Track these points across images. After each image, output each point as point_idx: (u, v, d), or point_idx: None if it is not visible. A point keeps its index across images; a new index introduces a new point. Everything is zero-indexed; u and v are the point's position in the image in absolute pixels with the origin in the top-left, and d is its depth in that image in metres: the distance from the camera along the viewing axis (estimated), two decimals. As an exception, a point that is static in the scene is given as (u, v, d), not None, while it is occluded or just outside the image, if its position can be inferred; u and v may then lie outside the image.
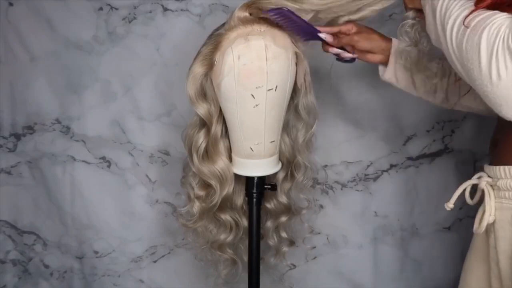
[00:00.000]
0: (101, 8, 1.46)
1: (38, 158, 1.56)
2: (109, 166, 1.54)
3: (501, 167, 0.82)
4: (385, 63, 1.10)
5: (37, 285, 1.64)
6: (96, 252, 1.59)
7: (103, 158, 1.54)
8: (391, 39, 1.09)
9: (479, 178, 0.88)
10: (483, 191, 0.86)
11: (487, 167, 0.86)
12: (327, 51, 1.10)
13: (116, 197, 1.55)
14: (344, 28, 1.05)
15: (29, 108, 1.53)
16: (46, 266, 1.63)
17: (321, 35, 1.05)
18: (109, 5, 1.45)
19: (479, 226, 0.85)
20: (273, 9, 0.97)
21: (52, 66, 1.49)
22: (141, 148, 1.52)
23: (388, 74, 1.10)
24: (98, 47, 1.47)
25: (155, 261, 1.58)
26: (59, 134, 1.53)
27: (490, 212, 0.83)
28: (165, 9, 1.45)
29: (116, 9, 1.46)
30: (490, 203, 0.83)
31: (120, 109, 1.50)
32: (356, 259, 1.55)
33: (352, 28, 1.05)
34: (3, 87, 1.52)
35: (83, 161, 1.54)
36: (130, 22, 1.46)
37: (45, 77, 1.50)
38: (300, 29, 1.03)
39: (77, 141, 1.54)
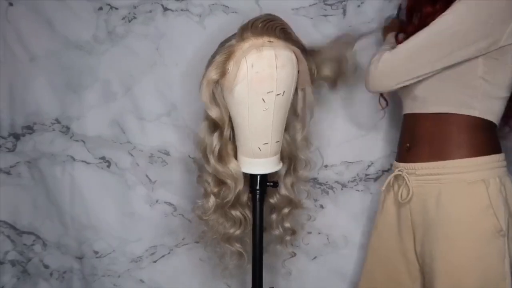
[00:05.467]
0: (101, 8, 1.46)
1: (37, 158, 1.55)
2: (109, 166, 1.54)
3: (418, 163, 1.18)
4: None
5: (37, 285, 1.63)
6: (96, 252, 1.58)
7: (102, 158, 1.54)
8: None
9: (400, 170, 1.22)
10: (390, 180, 1.26)
11: (406, 164, 1.21)
12: None
13: (116, 197, 1.55)
14: None
15: (28, 108, 1.53)
16: (46, 266, 1.62)
17: None
18: (109, 5, 1.46)
19: (407, 196, 1.20)
20: None
21: (52, 66, 1.49)
22: (141, 148, 1.52)
23: None
24: (98, 46, 1.48)
25: (155, 261, 1.58)
26: (59, 134, 1.53)
27: (411, 189, 1.18)
28: (165, 9, 1.46)
29: (116, 8, 1.46)
30: (410, 184, 1.19)
31: (120, 109, 1.51)
32: (356, 259, 1.55)
33: None
34: (2, 87, 1.52)
35: (82, 161, 1.54)
36: (130, 21, 1.47)
37: (44, 77, 1.50)
38: None
39: (76, 141, 1.54)
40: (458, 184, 1.13)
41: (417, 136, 1.19)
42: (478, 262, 1.11)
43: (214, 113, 1.15)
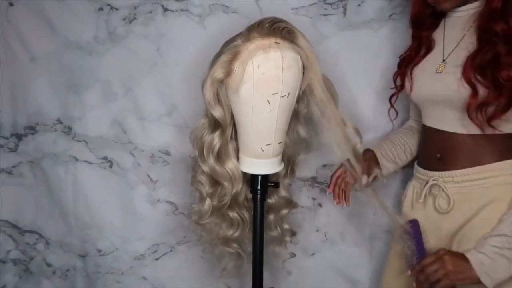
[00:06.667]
0: (101, 8, 1.46)
1: (40, 158, 1.56)
2: (111, 166, 1.55)
3: (457, 171, 1.17)
4: None
5: (39, 283, 1.65)
6: (99, 251, 1.60)
7: (105, 158, 1.55)
8: None
9: (435, 180, 1.20)
10: (426, 192, 1.23)
11: (441, 173, 1.19)
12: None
13: (118, 196, 1.56)
14: None
15: (30, 108, 1.53)
16: (49, 265, 1.64)
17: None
18: (109, 5, 1.45)
19: (448, 206, 1.19)
20: (411, 221, 1.22)
21: (52, 66, 1.49)
22: (142, 148, 1.53)
23: None
24: (99, 47, 1.48)
25: (157, 259, 1.60)
26: (61, 134, 1.54)
27: (452, 197, 1.17)
28: (165, 10, 1.45)
29: (116, 9, 1.46)
30: (449, 192, 1.17)
31: (121, 109, 1.51)
32: (353, 256, 1.58)
33: None
34: (3, 87, 1.52)
35: (85, 161, 1.55)
36: (130, 22, 1.46)
37: (45, 77, 1.50)
38: (417, 246, 1.19)
39: (79, 141, 1.54)
40: (503, 187, 1.12)
41: (448, 147, 1.16)
42: None
43: (217, 112, 1.13)
